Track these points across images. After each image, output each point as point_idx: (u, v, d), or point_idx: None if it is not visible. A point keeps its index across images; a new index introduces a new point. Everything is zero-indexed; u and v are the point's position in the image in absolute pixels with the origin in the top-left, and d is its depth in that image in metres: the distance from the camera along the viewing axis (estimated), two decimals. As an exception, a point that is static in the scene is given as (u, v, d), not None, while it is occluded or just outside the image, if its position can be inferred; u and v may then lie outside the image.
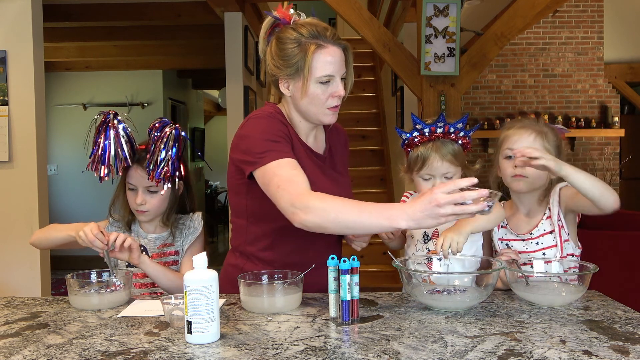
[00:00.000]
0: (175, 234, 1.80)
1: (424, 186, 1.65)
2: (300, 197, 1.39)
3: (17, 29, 3.45)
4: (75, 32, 5.41)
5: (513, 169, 1.60)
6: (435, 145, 1.62)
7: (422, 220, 1.28)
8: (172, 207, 1.80)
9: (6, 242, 3.47)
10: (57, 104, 7.02)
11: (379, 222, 1.33)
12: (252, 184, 1.55)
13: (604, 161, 6.01)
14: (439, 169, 1.62)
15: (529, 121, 1.65)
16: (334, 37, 1.55)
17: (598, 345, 1.11)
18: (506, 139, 1.65)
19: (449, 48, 3.49)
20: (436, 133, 1.62)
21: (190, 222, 1.83)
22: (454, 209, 1.25)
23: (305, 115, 1.60)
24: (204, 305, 1.15)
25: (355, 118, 6.74)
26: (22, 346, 1.16)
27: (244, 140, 1.55)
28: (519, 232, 1.67)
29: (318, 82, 1.53)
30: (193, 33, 5.40)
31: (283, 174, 1.44)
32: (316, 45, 1.52)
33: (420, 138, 1.64)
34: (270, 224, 1.59)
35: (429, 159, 1.61)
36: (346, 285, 1.28)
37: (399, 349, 1.10)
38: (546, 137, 1.60)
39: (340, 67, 1.54)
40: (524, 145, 1.57)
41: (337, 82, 1.54)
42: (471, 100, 6.05)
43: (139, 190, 1.74)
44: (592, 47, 6.08)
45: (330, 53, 1.53)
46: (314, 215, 1.36)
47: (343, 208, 1.36)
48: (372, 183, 6.13)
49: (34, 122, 3.46)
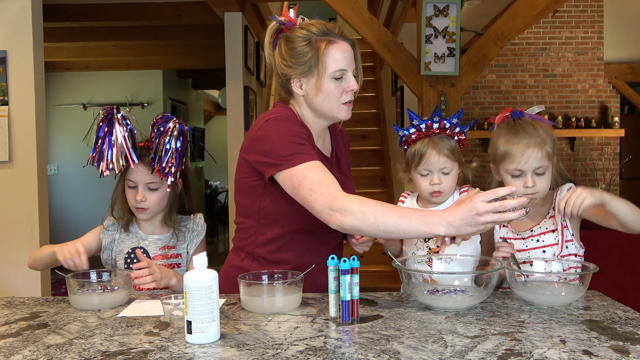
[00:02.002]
0: (178, 237, 1.78)
1: (422, 183, 1.66)
2: (336, 199, 1.40)
3: (17, 29, 3.45)
4: (75, 32, 5.42)
5: (524, 188, 1.60)
6: (432, 141, 1.63)
7: (461, 227, 1.31)
8: (173, 205, 1.79)
9: (6, 242, 3.46)
10: (57, 104, 7.03)
11: (418, 228, 1.34)
12: (270, 186, 1.55)
13: (604, 161, 6.01)
14: (436, 163, 1.63)
15: (527, 134, 1.60)
16: (342, 33, 1.58)
17: (598, 345, 1.11)
18: (509, 157, 1.61)
19: (449, 48, 3.49)
20: (432, 128, 1.64)
21: (194, 225, 1.82)
22: (494, 217, 1.28)
23: (320, 113, 1.60)
24: (204, 305, 1.15)
25: (355, 118, 6.74)
26: (22, 346, 1.16)
27: (262, 141, 1.53)
28: (519, 230, 1.67)
29: (332, 77, 1.54)
30: (193, 33, 5.40)
31: (314, 177, 1.44)
32: (327, 42, 1.54)
33: (417, 134, 1.66)
34: (284, 227, 1.60)
35: (427, 154, 1.63)
36: (346, 285, 1.28)
37: (399, 349, 1.10)
38: (545, 143, 1.60)
39: (351, 61, 1.56)
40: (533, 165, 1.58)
41: (349, 77, 1.56)
42: (471, 100, 6.05)
43: (139, 187, 1.73)
44: (592, 47, 6.08)
45: (342, 48, 1.55)
46: (353, 218, 1.37)
47: (382, 212, 1.36)
48: (372, 183, 6.13)
49: (34, 122, 3.46)
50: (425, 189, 1.66)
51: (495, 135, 1.68)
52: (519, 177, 1.61)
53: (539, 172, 1.60)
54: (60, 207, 6.76)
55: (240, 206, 1.67)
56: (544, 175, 1.61)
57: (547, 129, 1.63)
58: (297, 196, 1.46)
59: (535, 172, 1.60)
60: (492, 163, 1.70)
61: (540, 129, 1.62)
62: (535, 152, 1.58)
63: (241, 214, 1.67)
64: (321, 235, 1.63)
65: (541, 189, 1.61)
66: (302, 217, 1.56)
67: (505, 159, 1.62)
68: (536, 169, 1.59)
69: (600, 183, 5.87)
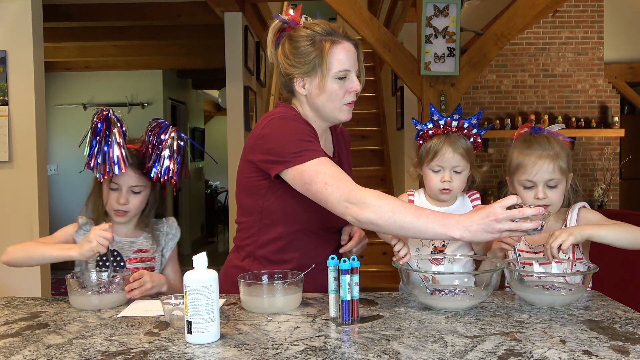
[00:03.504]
0: (154, 240, 1.77)
1: (433, 179, 1.66)
2: (354, 192, 1.39)
3: (17, 29, 3.45)
4: (75, 32, 5.41)
5: (535, 199, 1.60)
6: (448, 138, 1.64)
7: (478, 233, 1.30)
8: (151, 209, 1.77)
9: (6, 242, 3.45)
10: (57, 104, 7.02)
11: (434, 228, 1.34)
12: (274, 185, 1.55)
13: (604, 161, 6.00)
14: (450, 161, 1.63)
15: (540, 147, 1.61)
16: (346, 34, 1.58)
17: (598, 345, 1.11)
18: (521, 168, 1.62)
19: (449, 48, 3.49)
20: (451, 126, 1.64)
21: (168, 228, 1.81)
22: (510, 225, 1.28)
23: (321, 113, 1.60)
24: (204, 305, 1.15)
25: (355, 118, 6.72)
26: (22, 346, 1.16)
27: (267, 139, 1.52)
28: (533, 245, 1.67)
29: (335, 77, 1.55)
30: (193, 33, 5.40)
31: (327, 171, 1.43)
32: (331, 42, 1.54)
33: (434, 130, 1.66)
34: (287, 226, 1.59)
35: (442, 150, 1.63)
36: (346, 285, 1.28)
37: (399, 349, 1.10)
38: (559, 157, 1.60)
39: (354, 62, 1.57)
40: (544, 176, 1.59)
41: (353, 77, 1.57)
42: (471, 100, 6.05)
43: (123, 190, 1.70)
44: (592, 47, 6.08)
45: (346, 48, 1.55)
46: (370, 211, 1.36)
47: (400, 208, 1.36)
48: (372, 183, 6.13)
49: (34, 122, 3.45)
50: (436, 185, 1.66)
51: (511, 148, 1.70)
52: (530, 188, 1.62)
53: (551, 185, 1.60)
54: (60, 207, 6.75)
55: (242, 205, 1.67)
56: (557, 189, 1.61)
57: (563, 145, 1.64)
58: (309, 192, 1.45)
59: (547, 185, 1.60)
60: (507, 175, 1.71)
61: (555, 143, 1.63)
62: (547, 163, 1.59)
63: (243, 213, 1.67)
64: (324, 236, 1.63)
65: (553, 202, 1.61)
66: (306, 217, 1.56)
67: (517, 170, 1.64)
68: (548, 181, 1.60)
69: (600, 183, 5.87)
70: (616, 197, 6.06)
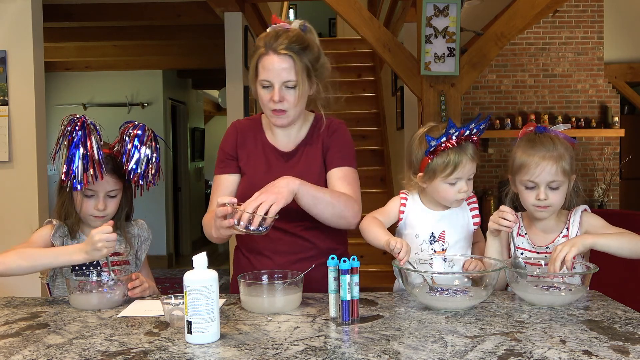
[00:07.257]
0: (129, 243, 1.75)
1: (450, 191, 1.63)
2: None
3: (17, 29, 3.45)
4: (75, 32, 5.41)
5: (536, 200, 1.60)
6: (462, 149, 1.61)
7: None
8: (123, 211, 1.75)
9: (6, 242, 3.45)
10: (57, 104, 7.01)
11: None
12: None
13: (604, 161, 6.00)
14: (469, 170, 1.63)
15: (544, 148, 1.60)
16: (288, 46, 1.58)
17: (598, 345, 1.11)
18: (524, 168, 1.61)
19: (449, 48, 3.49)
20: (464, 136, 1.61)
21: (140, 230, 1.80)
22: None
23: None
24: (204, 305, 1.16)
25: (355, 118, 6.74)
26: (22, 346, 1.16)
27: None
28: (535, 244, 1.67)
29: (260, 85, 1.62)
30: (193, 33, 5.40)
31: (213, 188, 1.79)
32: (262, 52, 1.61)
33: (445, 144, 1.61)
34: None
35: (462, 162, 1.60)
36: (346, 285, 1.28)
37: (399, 349, 1.10)
38: (562, 158, 1.58)
39: (278, 75, 1.58)
40: (546, 177, 1.57)
41: (276, 89, 1.59)
42: (471, 100, 6.04)
43: (100, 195, 1.67)
44: (592, 47, 6.07)
45: (271, 61, 1.59)
46: None
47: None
48: (372, 183, 6.12)
49: (34, 122, 3.45)
50: (453, 197, 1.64)
51: (515, 147, 1.68)
52: (532, 189, 1.61)
53: (553, 187, 1.59)
54: (60, 207, 6.75)
55: None
56: (558, 190, 1.60)
57: (567, 146, 1.62)
58: None
59: (549, 186, 1.59)
60: (509, 174, 1.70)
61: (559, 144, 1.61)
62: (550, 165, 1.58)
63: None
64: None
65: (554, 203, 1.60)
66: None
67: (520, 170, 1.62)
68: (550, 183, 1.58)
69: (600, 183, 5.87)
70: (616, 197, 6.05)
